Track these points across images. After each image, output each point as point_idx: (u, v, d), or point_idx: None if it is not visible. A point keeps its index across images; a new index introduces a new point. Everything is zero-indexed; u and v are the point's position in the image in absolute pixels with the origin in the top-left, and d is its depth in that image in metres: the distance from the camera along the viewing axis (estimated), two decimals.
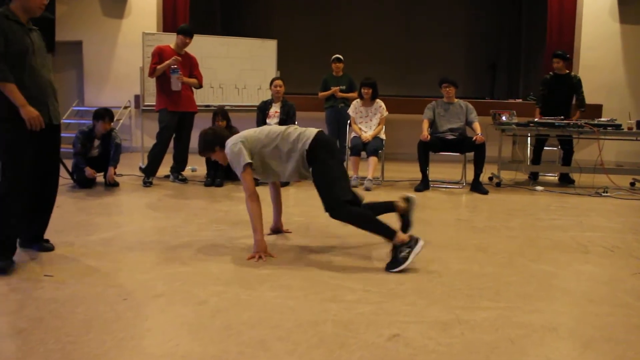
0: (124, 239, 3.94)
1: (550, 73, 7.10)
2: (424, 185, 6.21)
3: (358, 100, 6.72)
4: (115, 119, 6.25)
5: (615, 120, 6.55)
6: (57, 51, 6.33)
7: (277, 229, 4.14)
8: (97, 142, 5.88)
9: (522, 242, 4.02)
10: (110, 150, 5.89)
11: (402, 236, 3.35)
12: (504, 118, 6.62)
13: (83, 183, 5.79)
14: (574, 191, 6.31)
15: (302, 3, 12.26)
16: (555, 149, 7.48)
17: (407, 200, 3.88)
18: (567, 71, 7.03)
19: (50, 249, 3.55)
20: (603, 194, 6.08)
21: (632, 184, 6.72)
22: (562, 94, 6.97)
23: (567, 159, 6.99)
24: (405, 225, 3.82)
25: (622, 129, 6.39)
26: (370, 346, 2.27)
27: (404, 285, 3.03)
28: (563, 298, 2.90)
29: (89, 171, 5.72)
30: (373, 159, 6.28)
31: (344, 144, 7.45)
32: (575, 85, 6.95)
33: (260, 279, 3.07)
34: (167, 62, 5.99)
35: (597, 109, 8.76)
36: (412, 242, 3.30)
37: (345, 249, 3.76)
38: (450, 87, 6.39)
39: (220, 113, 6.36)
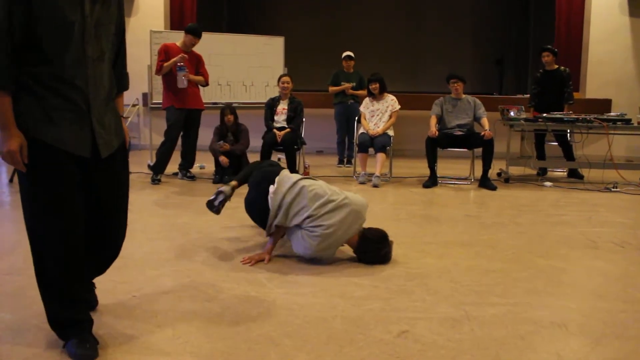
0: (133, 236, 3.95)
1: (541, 70, 7.07)
2: (432, 181, 6.20)
3: (368, 97, 6.71)
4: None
5: (625, 114, 6.50)
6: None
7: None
8: None
9: (531, 238, 4.00)
10: None
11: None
12: (512, 113, 6.59)
13: None
14: (583, 186, 6.27)
15: (305, 3, 12.25)
16: (556, 143, 7.44)
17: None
18: (557, 66, 6.98)
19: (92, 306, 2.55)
20: (613, 189, 6.05)
21: None
22: (555, 89, 6.94)
23: (568, 154, 6.96)
24: None
25: (632, 124, 6.35)
26: (379, 342, 2.27)
27: (413, 281, 3.02)
28: (573, 294, 2.89)
29: None
30: (381, 156, 6.27)
31: (353, 140, 7.45)
32: (565, 79, 6.91)
33: (269, 276, 3.08)
34: (174, 59, 6.00)
35: (606, 104, 8.71)
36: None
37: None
38: (459, 83, 6.36)
39: (229, 108, 6.38)
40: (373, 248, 3.32)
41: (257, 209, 3.52)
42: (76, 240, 2.11)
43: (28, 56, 1.96)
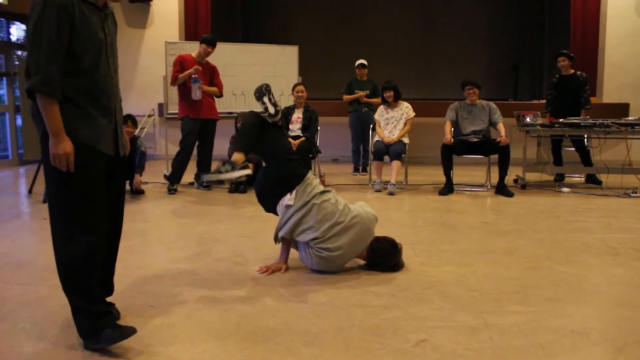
0: (150, 245, 3.98)
1: (557, 76, 7.02)
2: (448, 188, 6.16)
3: (383, 104, 6.70)
4: (139, 127, 6.32)
5: None
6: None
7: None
8: None
9: (549, 245, 3.96)
10: (135, 158, 5.95)
11: None
12: (528, 119, 6.54)
13: None
14: (601, 192, 6.20)
15: (323, 9, 12.30)
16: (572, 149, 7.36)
17: None
18: (573, 70, 6.93)
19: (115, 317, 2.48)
20: (632, 195, 5.97)
21: None
22: (571, 94, 6.88)
23: (585, 159, 6.89)
24: None
25: None
26: (398, 351, 2.25)
27: (431, 289, 3.00)
28: (594, 302, 2.84)
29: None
30: (396, 163, 6.25)
31: (367, 148, 7.44)
32: (582, 84, 6.85)
33: (286, 285, 3.07)
34: (188, 71, 6.05)
35: (624, 108, 8.62)
36: None
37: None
38: (474, 89, 6.33)
39: (241, 117, 6.41)
40: (383, 260, 3.32)
41: (267, 203, 3.49)
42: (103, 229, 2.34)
43: (69, 69, 2.19)
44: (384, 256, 3.31)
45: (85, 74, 2.23)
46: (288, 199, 3.31)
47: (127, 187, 6.03)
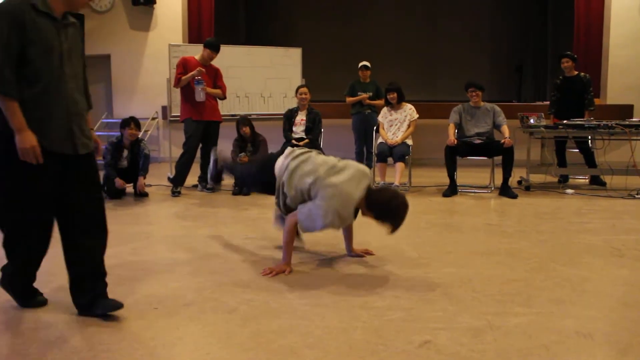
0: (154, 248, 3.99)
1: (560, 77, 7.01)
2: (451, 190, 6.15)
3: (386, 106, 6.70)
4: (143, 130, 6.34)
5: None
6: (87, 65, 6.43)
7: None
8: (125, 153, 5.97)
9: (553, 247, 3.95)
10: (139, 161, 5.97)
11: None
12: (532, 121, 6.53)
13: (113, 194, 5.87)
14: (605, 193, 6.18)
15: (326, 10, 12.31)
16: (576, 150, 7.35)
17: None
18: (576, 72, 6.92)
19: (118, 306, 2.63)
20: (636, 196, 5.95)
21: None
22: (575, 95, 6.87)
23: (589, 160, 6.87)
24: None
25: None
26: (401, 353, 2.25)
27: (434, 291, 3.00)
28: (598, 303, 2.84)
29: (118, 182, 5.81)
30: (400, 165, 6.25)
31: (371, 150, 7.44)
32: (585, 85, 6.84)
33: (290, 287, 3.07)
34: (192, 73, 6.06)
35: (628, 109, 8.60)
36: None
37: (374, 256, 3.74)
38: (477, 92, 6.32)
39: (242, 121, 6.42)
40: (387, 206, 3.18)
41: (261, 183, 3.63)
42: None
43: (22, 73, 2.42)
44: (386, 200, 3.19)
45: (37, 78, 2.44)
46: (279, 161, 3.46)
47: (131, 189, 6.05)
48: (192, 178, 6.51)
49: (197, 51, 6.42)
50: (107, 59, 9.82)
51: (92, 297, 2.64)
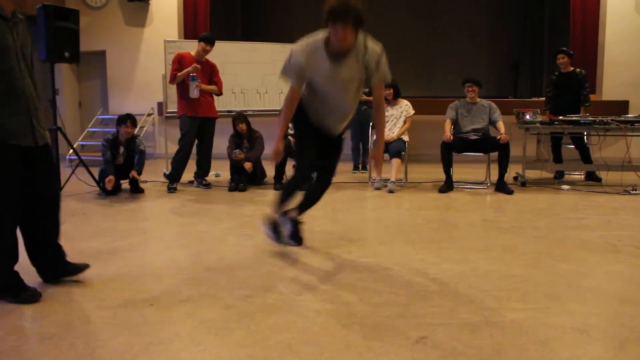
0: (150, 244, 3.98)
1: (556, 73, 7.02)
2: (448, 186, 6.16)
3: None
4: (139, 126, 6.31)
5: None
6: (81, 61, 6.41)
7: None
8: (122, 150, 5.95)
9: (549, 242, 3.96)
10: (134, 157, 5.94)
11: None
12: (527, 117, 6.54)
13: (109, 190, 5.86)
14: (601, 189, 6.20)
15: (319, 9, 12.28)
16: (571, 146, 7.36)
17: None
18: (572, 68, 6.93)
19: (80, 268, 3.07)
20: (632, 192, 5.97)
21: None
22: (571, 91, 6.88)
23: (585, 156, 6.89)
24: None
25: None
26: (398, 349, 2.25)
27: (431, 287, 3.00)
28: (594, 299, 2.85)
29: (109, 181, 5.72)
30: (396, 161, 6.25)
31: (367, 146, 7.44)
32: (581, 81, 6.86)
33: (287, 282, 3.07)
34: (187, 69, 6.04)
35: (623, 105, 8.61)
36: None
37: (370, 251, 3.74)
38: (474, 87, 6.32)
39: (238, 117, 6.41)
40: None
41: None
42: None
43: None
44: None
45: (2, 77, 2.63)
46: None
47: (127, 186, 6.03)
48: (188, 174, 6.49)
49: (192, 47, 6.39)
50: (103, 55, 9.79)
51: (55, 261, 3.01)
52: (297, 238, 3.76)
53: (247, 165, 6.22)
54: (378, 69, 3.28)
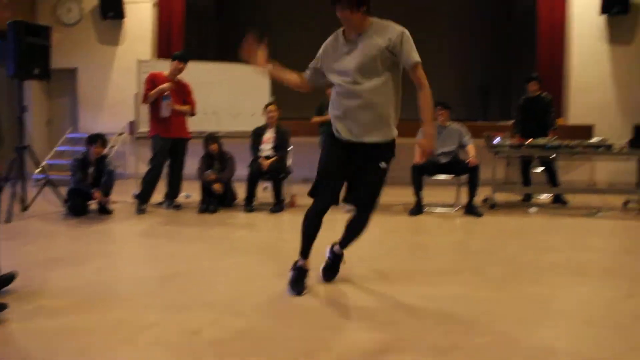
0: (118, 267, 3.92)
1: (523, 97, 7.18)
2: (418, 209, 6.21)
3: None
4: (109, 145, 6.24)
5: (607, 140, 6.59)
6: (52, 78, 6.33)
7: None
8: (91, 169, 5.86)
9: (518, 265, 4.01)
10: (103, 178, 5.85)
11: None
12: (496, 140, 6.64)
13: (76, 211, 5.76)
14: (567, 212, 6.31)
15: (296, 29, 12.38)
16: (539, 169, 7.50)
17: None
18: (539, 92, 7.10)
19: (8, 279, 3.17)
20: (597, 215, 6.09)
21: (625, 204, 6.73)
22: (538, 115, 7.04)
23: (553, 179, 7.02)
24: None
25: (613, 149, 6.43)
26: None
27: (400, 311, 3.00)
28: (561, 321, 2.88)
29: (96, 194, 5.69)
30: None
31: None
32: (547, 105, 7.03)
33: (255, 307, 3.04)
34: (160, 87, 6.02)
35: (588, 130, 8.82)
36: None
37: (338, 276, 3.73)
38: (444, 111, 6.42)
39: (210, 139, 6.39)
40: None
41: None
42: None
43: None
44: None
45: None
46: None
47: (95, 206, 5.94)
48: (158, 195, 6.43)
49: (166, 67, 6.37)
50: (74, 72, 9.70)
51: None
52: (331, 271, 3.51)
53: (217, 187, 6.19)
54: (401, 48, 3.16)
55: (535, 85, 7.02)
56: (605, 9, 8.79)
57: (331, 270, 3.51)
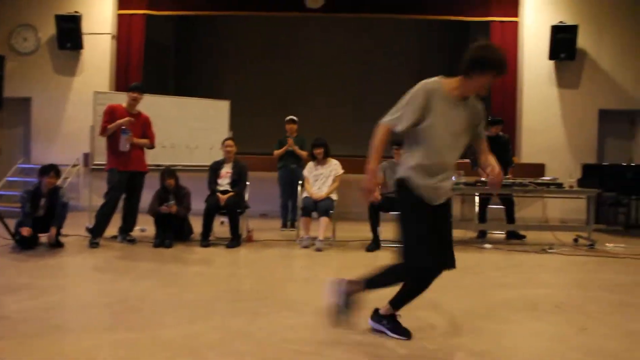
0: (68, 303, 3.79)
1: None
2: (375, 245, 6.24)
3: (312, 161, 6.78)
4: (63, 177, 6.10)
5: (557, 179, 6.81)
6: (4, 107, 6.18)
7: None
8: (43, 201, 5.71)
9: (472, 301, 4.06)
10: (55, 210, 5.71)
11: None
12: (452, 178, 6.76)
13: (25, 244, 5.58)
14: (521, 248, 6.45)
15: (257, 64, 12.49)
16: (501, 207, 7.68)
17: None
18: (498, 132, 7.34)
19: None
20: (549, 251, 6.24)
21: (576, 240, 6.93)
22: (497, 153, 7.22)
23: (510, 214, 7.19)
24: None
25: (564, 187, 6.65)
26: None
27: (356, 347, 2.99)
28: (514, 356, 2.92)
29: (24, 230, 5.51)
30: (324, 219, 6.30)
31: (296, 204, 7.47)
32: (506, 144, 7.27)
33: (210, 346, 2.98)
34: (119, 121, 5.95)
35: (540, 168, 9.11)
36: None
37: (297, 312, 3.71)
38: (398, 150, 6.50)
39: (167, 173, 6.32)
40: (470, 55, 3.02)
41: None
42: None
43: None
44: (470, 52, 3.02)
45: None
46: None
47: (45, 239, 5.76)
48: (112, 229, 6.29)
49: (123, 99, 6.31)
50: (28, 101, 9.50)
51: None
52: (403, 332, 3.22)
53: (173, 208, 6.07)
54: (482, 118, 3.26)
55: (498, 128, 7.25)
56: (554, 55, 9.20)
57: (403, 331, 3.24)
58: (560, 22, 9.18)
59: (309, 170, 6.76)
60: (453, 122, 3.05)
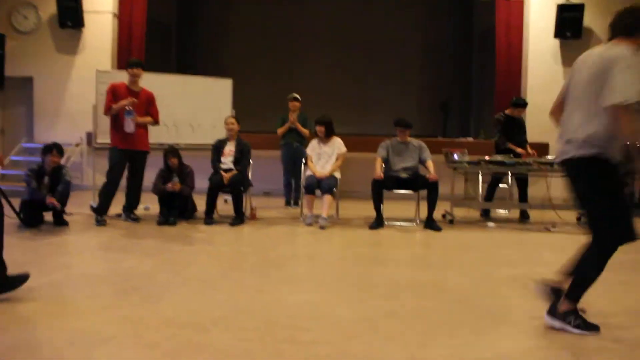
0: (74, 280, 3.82)
1: (502, 114, 7.35)
2: (378, 223, 6.25)
3: (316, 139, 6.77)
4: (66, 156, 6.10)
5: None
6: (6, 87, 6.16)
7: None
8: (46, 180, 5.72)
9: (476, 279, 4.07)
10: (59, 188, 5.70)
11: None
12: (455, 156, 6.76)
13: (30, 222, 5.61)
14: (524, 227, 6.46)
15: (258, 42, 12.43)
16: (505, 186, 7.66)
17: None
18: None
19: (20, 279, 3.35)
20: (551, 229, 6.25)
21: (579, 219, 6.92)
22: (517, 133, 7.30)
23: (524, 193, 7.19)
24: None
25: None
26: None
27: (360, 324, 3.01)
28: (516, 334, 2.94)
29: (49, 199, 5.54)
30: (327, 197, 6.30)
31: (299, 182, 7.47)
32: (523, 125, 7.39)
33: (214, 321, 3.01)
34: (122, 102, 5.92)
35: (544, 147, 9.06)
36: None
37: (300, 289, 3.73)
38: (404, 130, 6.47)
39: (171, 152, 6.31)
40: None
41: None
42: None
43: None
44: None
45: None
46: None
47: (50, 218, 5.79)
48: (117, 207, 6.31)
49: (126, 77, 6.28)
50: (29, 81, 9.47)
51: None
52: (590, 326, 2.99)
53: (177, 186, 6.09)
54: None
55: (521, 111, 7.31)
56: (559, 33, 9.11)
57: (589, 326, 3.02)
58: (567, 0, 9.08)
59: (312, 148, 6.75)
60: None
